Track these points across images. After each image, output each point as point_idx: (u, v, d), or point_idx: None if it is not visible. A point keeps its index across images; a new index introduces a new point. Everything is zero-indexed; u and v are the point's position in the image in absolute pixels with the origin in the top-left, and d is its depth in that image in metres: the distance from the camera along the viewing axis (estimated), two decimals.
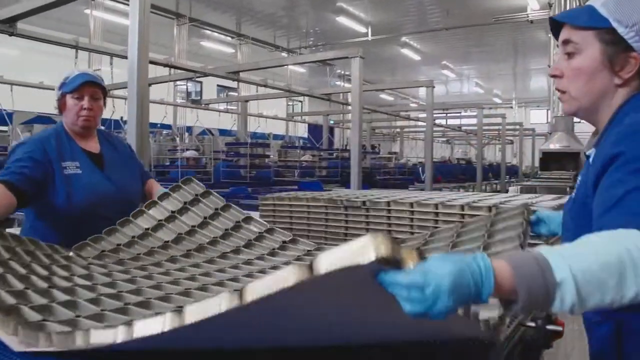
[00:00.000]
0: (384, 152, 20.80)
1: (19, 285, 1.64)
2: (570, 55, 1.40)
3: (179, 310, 0.98)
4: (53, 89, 2.74)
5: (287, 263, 2.20)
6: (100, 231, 2.47)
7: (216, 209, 2.62)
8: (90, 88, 2.63)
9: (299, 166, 13.73)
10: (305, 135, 19.78)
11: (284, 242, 2.53)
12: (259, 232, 2.58)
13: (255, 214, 6.86)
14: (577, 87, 1.40)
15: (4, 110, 8.93)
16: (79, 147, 2.66)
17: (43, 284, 1.70)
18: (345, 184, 10.73)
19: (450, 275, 0.88)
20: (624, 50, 1.33)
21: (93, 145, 2.74)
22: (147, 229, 2.45)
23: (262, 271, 2.04)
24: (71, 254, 2.20)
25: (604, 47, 1.34)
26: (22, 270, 1.77)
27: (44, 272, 1.82)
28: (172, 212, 2.54)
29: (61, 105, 2.66)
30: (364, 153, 8.78)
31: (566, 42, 1.42)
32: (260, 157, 12.99)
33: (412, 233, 3.02)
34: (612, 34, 1.33)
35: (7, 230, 2.28)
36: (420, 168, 15.36)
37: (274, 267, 2.11)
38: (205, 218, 2.56)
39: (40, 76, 9.94)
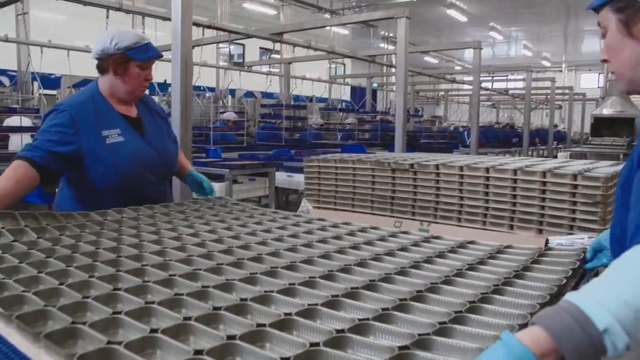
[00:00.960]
0: (427, 116, 20.45)
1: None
2: (604, 37, 1.41)
3: None
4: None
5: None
6: (148, 196, 2.55)
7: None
8: (154, 60, 2.60)
9: (342, 129, 13.63)
10: (348, 98, 19.58)
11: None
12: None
13: (299, 176, 6.92)
14: (616, 65, 1.41)
15: (53, 74, 9.10)
16: (116, 112, 2.58)
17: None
18: (389, 147, 10.61)
19: None
20: (637, 11, 1.32)
21: (130, 109, 2.66)
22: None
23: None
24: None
25: (618, 17, 1.34)
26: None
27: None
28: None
29: (115, 66, 2.51)
30: (407, 116, 8.62)
31: (599, 25, 1.42)
32: (300, 119, 12.95)
33: (461, 197, 2.94)
34: (623, 1, 1.33)
35: None
36: (464, 132, 15.06)
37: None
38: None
39: (86, 40, 10.03)
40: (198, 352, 1.03)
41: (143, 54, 2.52)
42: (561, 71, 29.22)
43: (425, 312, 1.30)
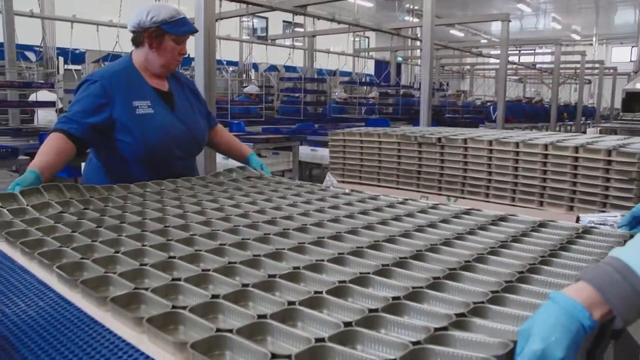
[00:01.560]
0: (452, 91, 20.17)
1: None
2: None
3: None
4: (124, 27, 2.66)
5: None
6: (175, 171, 2.57)
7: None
8: (188, 35, 2.63)
9: (366, 103, 13.52)
10: (372, 72, 19.39)
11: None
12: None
13: (323, 150, 6.90)
14: None
15: (78, 49, 9.12)
16: (148, 85, 2.60)
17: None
18: (413, 121, 10.51)
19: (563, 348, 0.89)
20: None
21: (162, 83, 2.67)
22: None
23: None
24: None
25: None
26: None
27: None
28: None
29: (150, 40, 2.53)
30: (432, 91, 8.49)
31: None
32: (320, 93, 12.86)
33: (489, 173, 2.88)
34: None
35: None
36: (490, 107, 14.83)
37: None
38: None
39: (109, 15, 10.01)
40: (261, 316, 1.06)
41: (178, 28, 2.54)
42: (591, 44, 28.51)
43: (476, 281, 1.30)
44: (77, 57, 10.52)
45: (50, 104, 8.55)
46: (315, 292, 1.17)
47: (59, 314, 1.15)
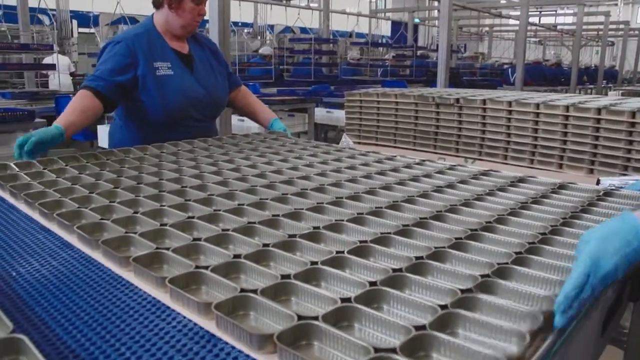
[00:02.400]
0: (470, 53, 19.82)
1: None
2: None
3: None
4: None
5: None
6: (195, 133, 2.58)
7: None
8: None
9: (382, 65, 13.35)
10: (388, 34, 19.08)
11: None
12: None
13: (338, 112, 6.85)
14: None
15: (91, 12, 9.05)
16: (169, 47, 2.61)
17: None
18: (431, 83, 10.37)
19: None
20: None
21: (182, 45, 2.67)
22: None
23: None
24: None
25: None
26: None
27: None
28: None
29: (170, 1, 2.53)
30: (450, 52, 8.32)
31: None
32: (330, 54, 12.70)
33: (508, 134, 2.84)
34: None
35: None
36: (508, 70, 14.57)
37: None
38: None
39: None
40: (285, 276, 1.05)
41: None
42: (616, 4, 27.72)
43: (498, 242, 1.28)
44: (89, 20, 10.46)
45: (51, 67, 8.52)
46: (337, 252, 1.17)
47: (75, 276, 1.15)
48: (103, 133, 6.22)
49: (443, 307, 0.93)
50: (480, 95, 3.08)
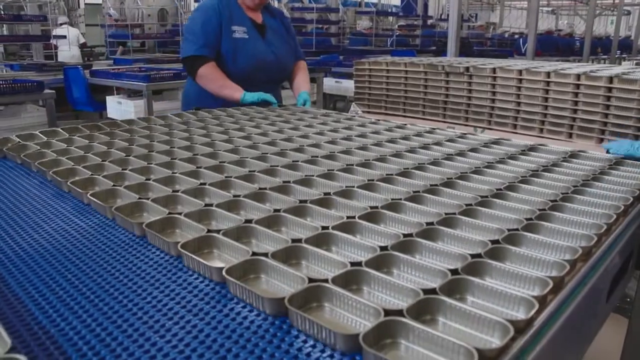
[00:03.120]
0: (481, 22, 19.52)
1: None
2: None
3: None
4: None
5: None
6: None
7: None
8: None
9: (391, 35, 13.19)
10: (398, 3, 18.79)
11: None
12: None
13: (347, 82, 6.81)
14: None
15: None
16: (245, 15, 2.90)
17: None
18: (440, 54, 10.25)
19: None
20: None
21: (257, 15, 2.97)
22: None
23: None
24: None
25: None
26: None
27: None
28: None
29: None
30: (461, 22, 8.21)
31: None
32: (330, 23, 12.56)
33: (518, 103, 2.82)
34: None
35: None
36: (520, 39, 14.36)
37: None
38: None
39: None
40: (295, 240, 1.06)
41: None
42: None
43: (509, 209, 1.29)
44: None
45: (45, 39, 8.51)
46: (348, 218, 1.17)
47: (89, 241, 1.17)
48: (112, 104, 6.23)
49: (453, 271, 0.94)
50: (491, 64, 3.05)
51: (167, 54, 10.31)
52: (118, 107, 6.11)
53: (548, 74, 2.68)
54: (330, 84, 7.42)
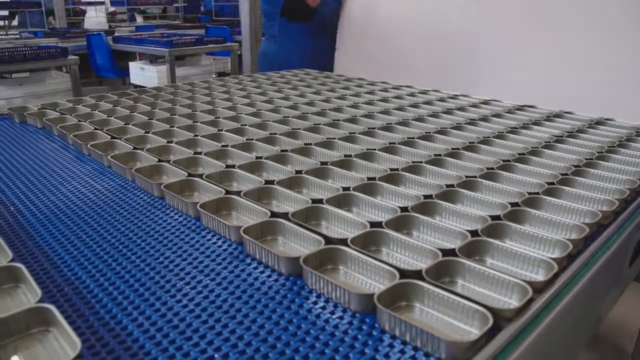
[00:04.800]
0: None
1: None
2: None
3: None
4: None
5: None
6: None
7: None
8: None
9: None
10: None
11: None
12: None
13: None
14: None
15: None
16: None
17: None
18: None
19: None
20: None
21: None
22: None
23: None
24: None
25: None
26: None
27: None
28: None
29: None
30: None
31: None
32: None
33: None
34: None
35: None
36: None
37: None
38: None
39: None
40: (316, 201, 1.06)
41: None
42: None
43: (531, 173, 1.28)
44: None
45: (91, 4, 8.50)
46: (369, 179, 1.17)
47: (106, 204, 1.19)
48: (135, 70, 6.25)
49: (473, 233, 0.94)
50: None
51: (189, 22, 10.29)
52: (141, 73, 6.13)
53: None
54: None
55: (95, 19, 9.72)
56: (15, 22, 9.03)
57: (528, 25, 2.31)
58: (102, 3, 9.29)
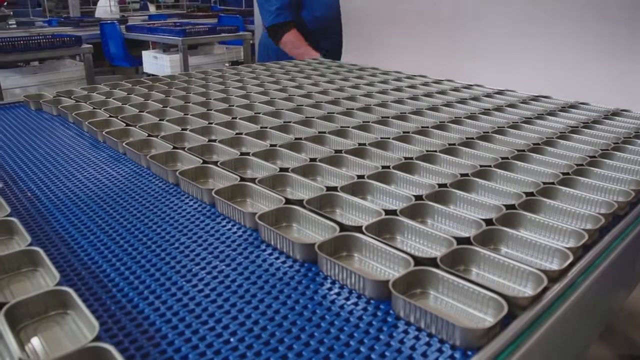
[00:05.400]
0: None
1: None
2: None
3: None
4: None
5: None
6: (331, 43, 3.00)
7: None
8: None
9: None
10: None
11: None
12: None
13: None
14: None
15: None
16: None
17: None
18: None
19: None
20: None
21: None
22: None
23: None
24: None
25: None
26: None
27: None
28: None
29: None
30: None
31: None
32: None
33: None
34: None
35: None
36: None
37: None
38: None
39: None
40: (330, 188, 1.06)
41: None
42: None
43: (546, 163, 1.27)
44: None
45: None
46: (383, 167, 1.17)
47: (121, 190, 1.20)
48: (148, 59, 6.27)
49: (488, 222, 0.94)
50: None
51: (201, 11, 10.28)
52: (154, 62, 6.15)
53: None
54: None
55: (106, 7, 9.74)
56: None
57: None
58: None
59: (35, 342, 0.67)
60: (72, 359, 0.60)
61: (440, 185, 1.08)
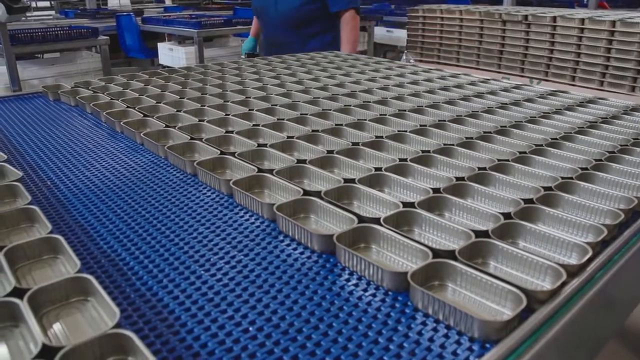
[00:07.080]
0: None
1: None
2: None
3: None
4: None
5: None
6: (268, 37, 3.05)
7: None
8: None
9: None
10: None
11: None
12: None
13: (399, 32, 6.65)
14: None
15: None
16: None
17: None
18: (497, 1, 9.88)
19: None
20: None
21: None
22: None
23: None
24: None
25: None
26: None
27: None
28: None
29: None
30: None
31: None
32: None
33: (578, 54, 2.71)
34: None
35: None
36: None
37: None
38: None
39: None
40: (348, 180, 1.07)
41: None
42: None
43: (564, 158, 1.27)
44: None
45: None
46: (400, 160, 1.17)
47: (140, 180, 1.20)
48: (163, 51, 6.28)
49: (506, 216, 0.93)
50: (550, 12, 2.93)
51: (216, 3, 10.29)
52: (169, 54, 6.17)
53: (613, 24, 2.56)
54: (381, 33, 7.27)
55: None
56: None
57: None
58: None
59: (57, 327, 0.68)
60: (94, 344, 0.61)
61: (457, 179, 1.08)
